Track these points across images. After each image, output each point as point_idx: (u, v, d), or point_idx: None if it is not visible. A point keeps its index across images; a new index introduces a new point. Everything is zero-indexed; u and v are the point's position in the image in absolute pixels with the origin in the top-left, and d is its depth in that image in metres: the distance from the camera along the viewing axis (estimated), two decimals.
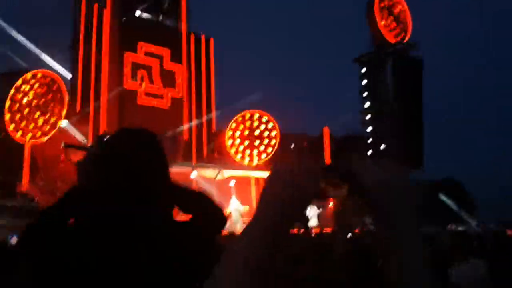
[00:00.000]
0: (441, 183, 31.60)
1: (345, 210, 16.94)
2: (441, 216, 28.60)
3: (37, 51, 23.94)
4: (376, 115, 26.58)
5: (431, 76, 29.81)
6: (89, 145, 1.70)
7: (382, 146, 25.88)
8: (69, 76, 23.56)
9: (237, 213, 20.76)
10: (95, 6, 23.84)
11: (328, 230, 19.67)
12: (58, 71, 22.87)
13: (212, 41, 28.22)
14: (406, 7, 28.14)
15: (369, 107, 26.78)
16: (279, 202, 0.85)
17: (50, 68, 22.60)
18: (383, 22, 26.75)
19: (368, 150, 26.39)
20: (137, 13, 25.99)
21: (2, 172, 17.81)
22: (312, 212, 20.48)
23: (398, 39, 27.18)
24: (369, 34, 27.38)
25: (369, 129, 26.79)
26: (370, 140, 26.50)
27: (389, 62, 26.98)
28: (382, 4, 27.22)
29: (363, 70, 27.12)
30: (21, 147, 19.39)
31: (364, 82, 27.01)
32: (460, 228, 27.37)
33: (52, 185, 19.25)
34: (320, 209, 21.20)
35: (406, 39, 27.56)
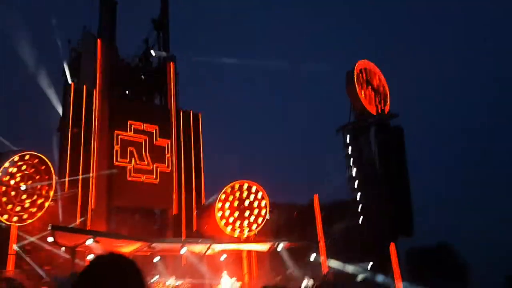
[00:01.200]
0: (433, 249, 31.39)
1: None
2: (435, 285, 28.18)
3: (24, 132, 24.30)
4: (363, 183, 26.94)
5: (415, 143, 30.70)
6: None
7: (372, 215, 25.95)
8: (57, 156, 23.66)
9: None
10: (85, 87, 24.57)
11: None
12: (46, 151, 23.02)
13: (200, 116, 29.01)
14: (383, 80, 29.58)
15: (356, 174, 27.19)
16: None
17: (37, 148, 22.74)
18: (363, 94, 27.96)
19: (358, 218, 26.41)
20: (126, 92, 26.99)
21: None
22: (305, 283, 20.10)
23: (379, 109, 28.27)
24: (350, 104, 28.46)
25: (358, 196, 26.98)
26: (360, 208, 26.58)
27: (371, 131, 27.87)
28: (361, 77, 28.58)
29: (347, 139, 27.85)
30: (5, 231, 18.85)
31: (349, 150, 27.64)
32: None
33: (38, 269, 18.64)
34: (316, 282, 20.83)
35: (387, 109, 28.70)
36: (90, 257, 19.25)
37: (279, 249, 23.39)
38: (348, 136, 28.02)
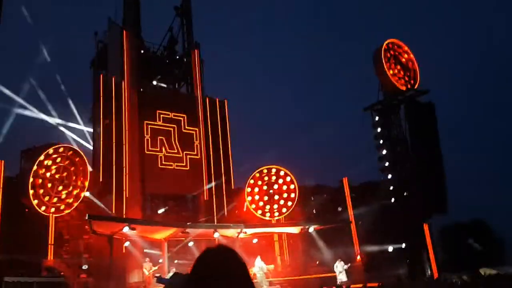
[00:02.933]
0: (467, 225, 30.81)
1: None
2: (469, 260, 27.75)
3: (57, 125, 25.02)
4: (394, 162, 26.48)
5: (445, 119, 29.78)
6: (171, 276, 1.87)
7: (405, 193, 25.55)
8: (90, 147, 24.27)
9: (262, 273, 20.37)
10: (113, 78, 24.95)
11: (357, 285, 19.19)
12: (79, 143, 23.69)
13: (226, 102, 29.06)
14: (412, 56, 28.72)
15: (386, 154, 26.74)
16: None
17: (71, 141, 23.42)
18: (391, 71, 27.26)
19: (390, 198, 26.07)
20: (153, 82, 27.32)
21: (26, 248, 17.86)
22: (339, 267, 20.05)
23: (408, 86, 27.54)
24: (378, 83, 27.83)
25: (389, 176, 26.57)
26: (391, 187, 26.20)
27: (401, 108, 27.26)
28: (388, 54, 27.85)
29: (376, 118, 27.33)
30: (45, 221, 19.54)
31: (379, 130, 27.14)
32: (493, 272, 26.36)
33: (77, 257, 19.33)
34: (349, 264, 20.76)
35: (416, 86, 27.91)
36: (127, 244, 19.84)
37: (310, 231, 23.40)
38: (377, 115, 27.51)
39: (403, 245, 24.91)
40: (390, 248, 24.48)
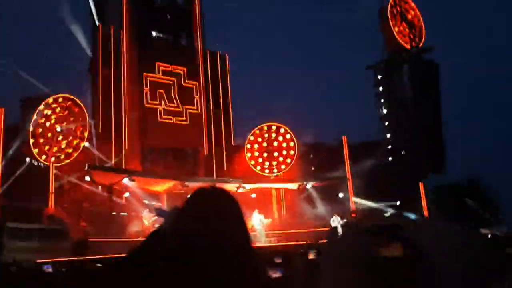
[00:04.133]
0: (462, 185, 31.05)
1: None
2: (467, 221, 28.19)
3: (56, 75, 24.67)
4: (394, 121, 26.42)
5: (449, 78, 29.37)
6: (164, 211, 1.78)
7: (402, 152, 25.66)
8: (89, 98, 24.08)
9: (261, 226, 20.78)
10: (112, 28, 24.41)
11: None
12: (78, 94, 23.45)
13: (227, 57, 28.60)
14: (418, 12, 28.01)
15: (386, 113, 26.63)
16: None
17: (70, 91, 23.19)
18: (396, 29, 26.66)
19: (388, 157, 26.20)
20: (153, 34, 26.72)
21: (28, 198, 18.13)
22: (335, 222, 20.40)
23: (413, 44, 27.03)
24: (382, 40, 27.31)
25: (388, 135, 26.59)
26: (389, 147, 26.29)
27: (404, 67, 26.87)
28: (394, 10, 27.14)
29: (379, 77, 27.01)
30: (46, 172, 19.70)
31: (380, 88, 26.90)
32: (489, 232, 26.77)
33: (77, 206, 19.65)
34: (344, 220, 21.11)
35: (421, 44, 27.40)
36: (127, 195, 20.13)
37: (308, 187, 23.69)
38: (379, 74, 27.18)
39: (398, 203, 25.29)
40: (385, 206, 24.89)
